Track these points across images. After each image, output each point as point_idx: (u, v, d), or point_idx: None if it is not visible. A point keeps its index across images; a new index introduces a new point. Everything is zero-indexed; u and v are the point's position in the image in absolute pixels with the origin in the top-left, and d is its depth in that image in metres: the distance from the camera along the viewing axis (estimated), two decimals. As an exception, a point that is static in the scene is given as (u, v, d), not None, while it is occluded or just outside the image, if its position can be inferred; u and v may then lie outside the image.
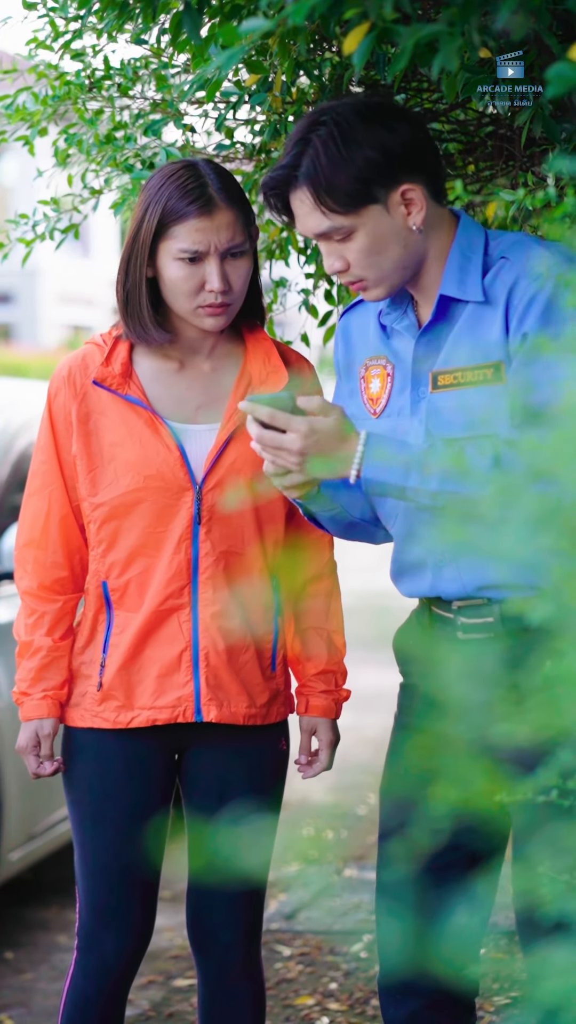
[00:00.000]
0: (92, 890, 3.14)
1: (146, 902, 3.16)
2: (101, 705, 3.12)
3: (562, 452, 1.63)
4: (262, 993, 3.25)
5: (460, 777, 1.75)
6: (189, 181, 3.00)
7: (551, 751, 1.88)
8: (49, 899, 5.70)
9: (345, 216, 2.72)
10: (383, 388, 2.86)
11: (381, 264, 2.75)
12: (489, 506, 1.73)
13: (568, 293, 2.60)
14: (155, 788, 3.13)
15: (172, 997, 4.63)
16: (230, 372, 3.14)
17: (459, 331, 2.76)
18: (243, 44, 2.41)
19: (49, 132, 3.67)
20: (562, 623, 1.67)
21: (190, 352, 3.13)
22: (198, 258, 3.00)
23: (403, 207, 2.72)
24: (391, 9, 2.28)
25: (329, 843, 6.14)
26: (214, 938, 3.19)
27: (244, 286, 3.05)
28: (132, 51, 3.53)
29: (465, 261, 2.75)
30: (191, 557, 3.07)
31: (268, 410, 2.65)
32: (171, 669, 3.09)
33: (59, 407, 3.12)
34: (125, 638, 3.10)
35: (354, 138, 2.69)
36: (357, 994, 4.58)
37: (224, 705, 3.10)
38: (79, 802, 3.15)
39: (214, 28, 2.99)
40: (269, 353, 3.14)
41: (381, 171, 2.69)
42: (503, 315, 2.69)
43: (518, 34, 2.46)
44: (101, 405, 3.10)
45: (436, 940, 2.57)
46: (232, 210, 3.01)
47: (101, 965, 3.15)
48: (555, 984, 1.61)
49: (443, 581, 2.79)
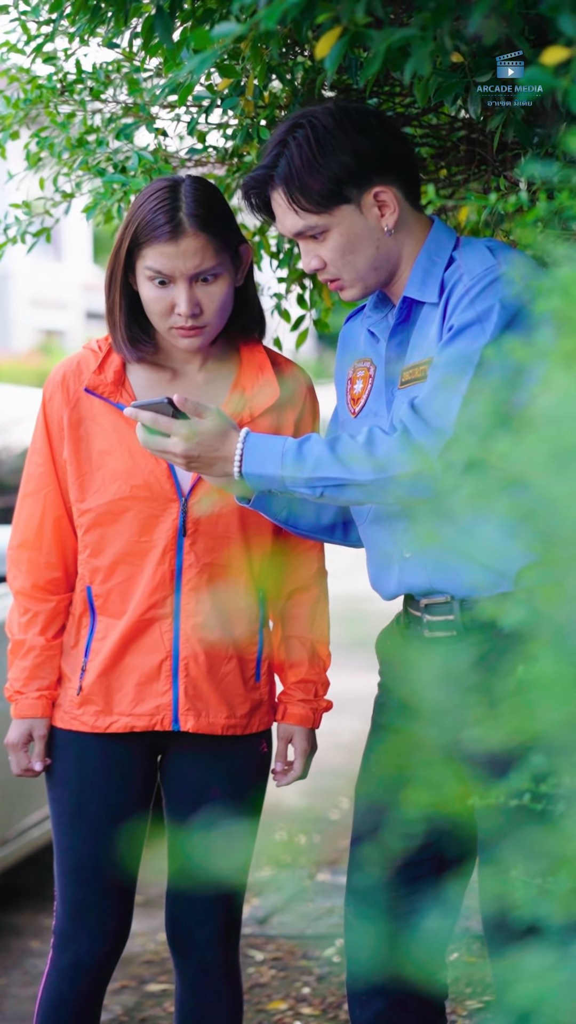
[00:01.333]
0: (68, 888, 3.15)
1: (121, 903, 3.16)
2: (80, 709, 3.13)
3: (534, 457, 1.64)
4: (239, 995, 3.25)
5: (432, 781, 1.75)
6: (164, 203, 2.99)
7: (522, 755, 1.88)
8: (22, 904, 5.68)
9: (318, 216, 2.78)
10: (364, 389, 2.92)
11: (355, 264, 2.80)
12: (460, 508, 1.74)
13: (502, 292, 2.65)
14: (134, 789, 3.14)
15: (145, 1002, 4.62)
16: (223, 384, 3.14)
17: (418, 331, 2.83)
18: (215, 48, 2.41)
19: (21, 135, 3.66)
20: (534, 626, 1.67)
21: (182, 363, 3.14)
22: (167, 281, 3.00)
23: (376, 209, 2.77)
24: (363, 13, 2.29)
25: (302, 848, 6.14)
26: (191, 939, 3.19)
27: (219, 309, 3.02)
28: (104, 55, 3.52)
29: (430, 264, 2.81)
30: (175, 568, 3.08)
31: (150, 415, 2.78)
32: (151, 678, 3.10)
33: (53, 411, 3.15)
34: (107, 644, 3.11)
35: (328, 141, 2.75)
36: (330, 998, 4.58)
37: (202, 715, 3.10)
38: (58, 800, 3.16)
39: (186, 32, 2.99)
40: (262, 365, 3.14)
41: (353, 173, 2.74)
42: (442, 312, 2.74)
43: (490, 39, 2.46)
44: (92, 412, 3.11)
45: (404, 943, 2.57)
46: (202, 236, 2.98)
47: (75, 964, 3.15)
48: (527, 988, 1.61)
49: (407, 573, 2.83)
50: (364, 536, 2.98)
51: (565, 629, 1.64)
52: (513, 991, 1.65)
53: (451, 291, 2.75)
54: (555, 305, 1.77)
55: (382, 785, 2.81)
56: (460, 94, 2.91)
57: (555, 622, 1.65)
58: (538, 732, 1.65)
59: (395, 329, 2.86)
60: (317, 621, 3.25)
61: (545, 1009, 1.62)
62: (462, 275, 2.73)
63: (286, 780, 3.23)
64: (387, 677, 2.99)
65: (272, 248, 3.82)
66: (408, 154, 2.85)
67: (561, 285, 1.75)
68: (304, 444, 2.73)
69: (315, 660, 3.24)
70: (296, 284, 3.88)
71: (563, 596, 1.63)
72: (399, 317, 2.84)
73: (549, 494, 1.62)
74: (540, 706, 1.62)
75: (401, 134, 2.86)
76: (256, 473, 2.75)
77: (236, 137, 3.38)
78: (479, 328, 2.65)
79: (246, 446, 2.75)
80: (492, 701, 1.75)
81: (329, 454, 2.70)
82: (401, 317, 2.84)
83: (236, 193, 3.66)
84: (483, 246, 2.77)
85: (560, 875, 1.75)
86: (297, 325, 3.93)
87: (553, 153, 2.94)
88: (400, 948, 2.66)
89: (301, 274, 3.86)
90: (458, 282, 2.73)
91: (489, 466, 1.74)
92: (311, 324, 3.97)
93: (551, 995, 1.62)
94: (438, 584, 2.79)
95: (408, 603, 2.89)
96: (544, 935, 2.29)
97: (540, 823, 1.90)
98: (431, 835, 2.85)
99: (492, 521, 1.79)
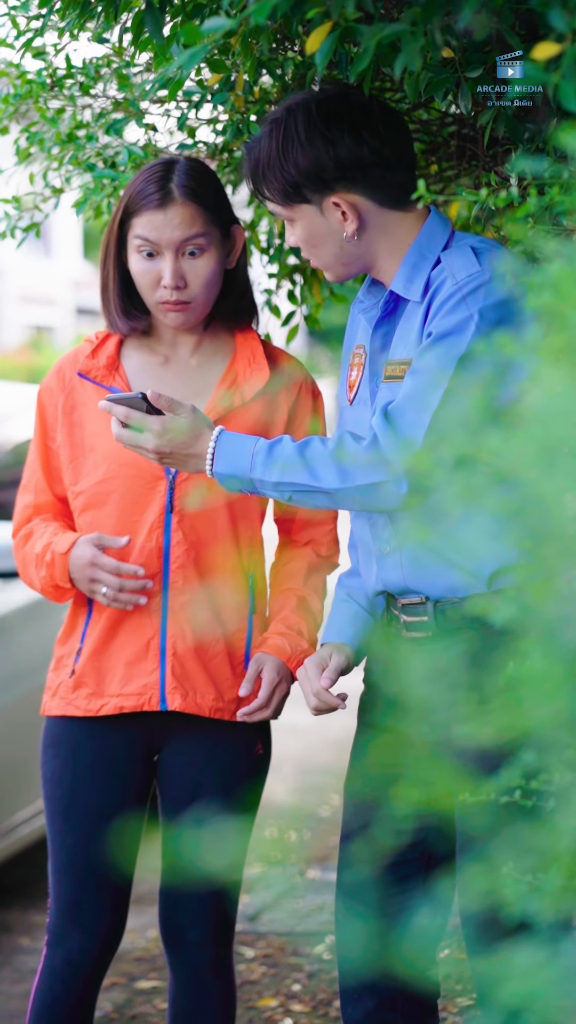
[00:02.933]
0: (61, 886, 3.15)
1: (115, 901, 3.16)
2: (74, 692, 3.14)
3: (524, 454, 1.63)
4: (233, 993, 3.25)
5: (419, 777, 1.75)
6: (156, 174, 3.06)
7: (511, 753, 1.87)
8: (11, 901, 5.67)
9: (282, 207, 2.82)
10: (357, 377, 2.91)
11: (320, 256, 2.84)
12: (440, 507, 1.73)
13: (482, 302, 2.64)
14: (128, 787, 3.13)
15: (135, 999, 4.61)
16: (216, 369, 3.17)
17: (402, 326, 2.83)
18: (205, 43, 2.40)
19: (10, 130, 3.66)
20: (521, 624, 1.67)
21: (175, 347, 3.17)
22: (154, 252, 3.05)
23: (338, 213, 2.76)
24: (353, 9, 2.28)
25: (292, 845, 6.14)
26: (185, 937, 3.19)
27: (205, 286, 3.06)
28: (94, 50, 3.52)
29: (420, 259, 2.80)
30: (163, 545, 3.09)
31: (124, 409, 2.83)
32: (139, 657, 3.11)
33: (48, 400, 3.19)
34: (99, 626, 3.13)
35: (290, 145, 2.77)
36: (320, 995, 4.58)
37: (189, 695, 3.10)
38: (51, 797, 3.17)
39: (176, 27, 2.98)
40: (255, 352, 3.17)
41: (310, 179, 2.75)
42: (424, 315, 2.74)
43: (481, 34, 2.46)
44: (85, 397, 3.15)
45: (396, 941, 2.57)
46: (191, 205, 3.03)
47: (68, 963, 3.15)
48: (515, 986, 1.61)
49: (385, 570, 2.83)
50: (352, 528, 3.00)
51: (553, 626, 1.64)
52: (501, 989, 1.65)
53: (435, 293, 2.74)
54: (545, 301, 1.77)
55: (370, 783, 2.81)
56: (451, 89, 2.91)
57: (543, 619, 1.64)
58: (526, 729, 1.65)
59: (380, 321, 2.86)
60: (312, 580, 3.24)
61: (533, 1007, 1.62)
62: (445, 279, 2.73)
63: (247, 710, 3.09)
64: (372, 675, 3.00)
65: (263, 244, 3.81)
66: (379, 159, 2.78)
67: (551, 281, 1.75)
68: (275, 447, 2.74)
69: (304, 607, 3.20)
70: (287, 280, 3.87)
71: (551, 593, 1.63)
72: (384, 310, 2.85)
73: (538, 491, 1.62)
74: (528, 703, 1.62)
75: (390, 132, 2.81)
76: (226, 473, 2.77)
77: (226, 132, 3.37)
78: (455, 339, 2.65)
79: (218, 445, 2.77)
80: (473, 699, 1.74)
81: (298, 459, 2.70)
82: (387, 310, 2.85)
83: (227, 188, 3.66)
84: (469, 249, 2.76)
85: (549, 872, 1.74)
86: (287, 321, 3.92)
87: (544, 149, 2.94)
88: (391, 945, 2.66)
89: (291, 270, 3.86)
90: (441, 285, 2.73)
91: (477, 463, 1.73)
92: (301, 320, 3.96)
93: (539, 993, 1.62)
94: (412, 583, 2.79)
95: (388, 602, 2.90)
96: (531, 932, 2.28)
97: (527, 820, 1.90)
98: (419, 832, 2.85)
99: (469, 522, 1.79)
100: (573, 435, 1.64)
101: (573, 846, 1.72)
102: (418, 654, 2.75)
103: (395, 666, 2.76)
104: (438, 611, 2.77)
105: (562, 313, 1.70)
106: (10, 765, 5.07)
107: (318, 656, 2.93)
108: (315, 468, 2.69)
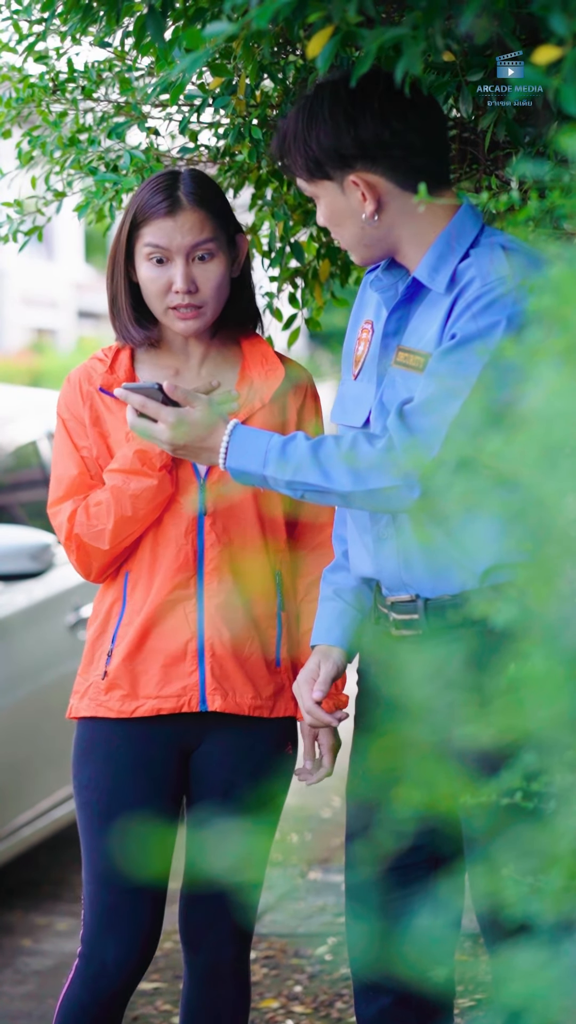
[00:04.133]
0: (99, 895, 3.13)
1: (154, 909, 3.14)
2: (107, 694, 3.14)
3: (526, 455, 1.64)
4: (248, 994, 3.26)
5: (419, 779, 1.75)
6: (163, 184, 3.08)
7: (511, 754, 1.88)
8: (13, 903, 5.68)
9: (306, 182, 2.81)
10: (363, 352, 2.91)
11: (342, 236, 2.82)
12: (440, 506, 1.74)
13: (511, 308, 2.62)
14: (164, 788, 3.14)
15: (137, 1000, 4.62)
16: (228, 378, 3.18)
17: (420, 314, 2.81)
18: (207, 47, 2.41)
19: (13, 134, 3.67)
20: (525, 625, 1.68)
21: (185, 357, 3.19)
22: (165, 258, 3.07)
23: (358, 193, 2.74)
24: (355, 12, 2.29)
25: (294, 846, 6.14)
26: (204, 937, 3.20)
27: (216, 290, 3.09)
28: (96, 54, 3.53)
29: (447, 250, 2.75)
30: (197, 548, 3.11)
31: (140, 399, 2.85)
32: (177, 659, 3.11)
33: (72, 414, 3.17)
34: (132, 628, 3.13)
35: (315, 120, 2.74)
36: (322, 997, 4.58)
37: (229, 695, 3.12)
38: (88, 803, 3.15)
39: (178, 31, 2.99)
40: (266, 354, 3.20)
41: (330, 156, 2.73)
42: (448, 311, 2.71)
43: (481, 38, 2.47)
44: (109, 410, 3.15)
45: (405, 942, 2.57)
46: (200, 211, 3.06)
47: (102, 974, 3.12)
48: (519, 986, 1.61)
49: (381, 557, 2.83)
50: (337, 516, 3.06)
51: (554, 627, 1.64)
52: (505, 989, 1.66)
53: (461, 291, 2.70)
54: (547, 303, 1.77)
55: (370, 785, 2.82)
56: (452, 93, 2.92)
57: (543, 620, 1.65)
58: (527, 731, 1.66)
59: (398, 304, 2.83)
60: None
61: (537, 1007, 1.63)
62: (474, 278, 2.69)
63: (315, 778, 3.15)
64: (366, 677, 2.99)
65: (264, 247, 3.82)
66: (404, 142, 2.73)
67: (553, 283, 1.76)
68: (288, 444, 2.73)
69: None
70: (288, 283, 3.88)
71: (552, 594, 1.63)
72: (404, 295, 2.81)
73: (539, 492, 1.63)
74: (528, 705, 1.62)
75: (420, 117, 2.75)
76: (239, 469, 2.77)
77: (228, 136, 3.38)
78: (481, 344, 2.61)
79: (232, 440, 2.77)
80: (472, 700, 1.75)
81: (311, 459, 2.70)
82: (407, 295, 2.81)
83: (227, 192, 3.67)
84: (500, 248, 2.71)
85: (552, 873, 1.75)
86: (289, 324, 3.93)
87: (544, 152, 2.95)
88: (405, 947, 2.66)
89: (293, 273, 3.86)
90: (469, 284, 2.69)
91: (479, 464, 1.74)
92: (303, 323, 3.97)
93: (543, 993, 1.63)
94: (405, 576, 2.78)
95: (377, 600, 2.89)
96: (535, 933, 2.29)
97: (529, 821, 1.90)
98: (425, 834, 2.85)
99: (468, 521, 1.79)
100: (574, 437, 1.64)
101: (574, 847, 1.72)
102: (412, 655, 2.75)
103: (389, 668, 2.76)
104: (429, 610, 2.77)
105: (564, 316, 1.71)
106: (12, 767, 5.08)
107: (308, 670, 2.94)
108: (327, 469, 2.69)
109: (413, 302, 2.81)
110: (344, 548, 3.03)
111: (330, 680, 2.91)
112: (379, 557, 2.84)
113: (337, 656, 2.93)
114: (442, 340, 2.70)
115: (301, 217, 3.68)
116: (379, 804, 2.78)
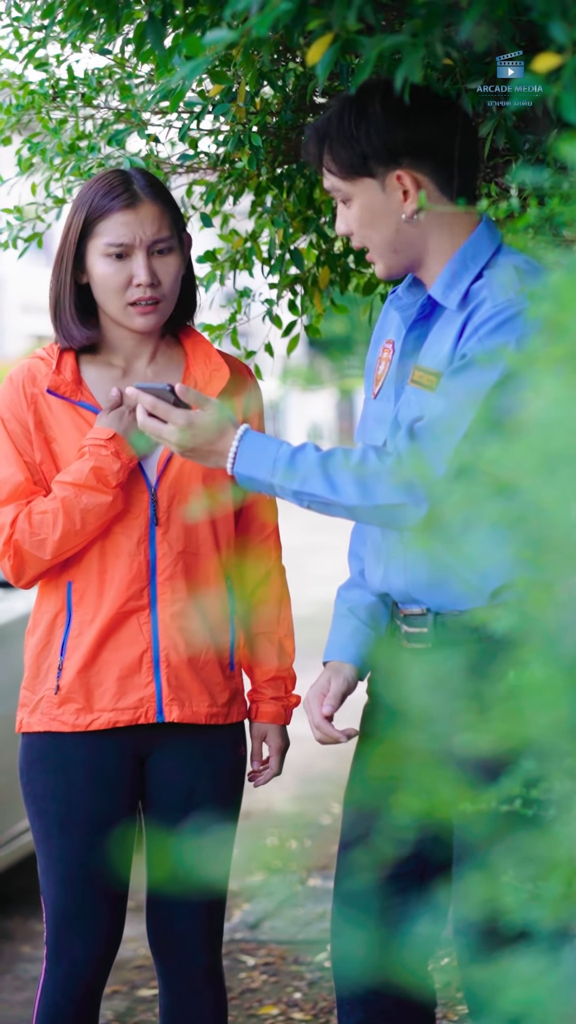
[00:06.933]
0: (58, 899, 3.13)
1: (114, 909, 3.15)
2: (60, 708, 3.10)
3: (525, 464, 1.64)
4: (224, 1001, 3.24)
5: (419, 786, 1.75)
6: (114, 180, 3.06)
7: (512, 761, 1.88)
8: (13, 910, 5.68)
9: (342, 180, 2.78)
10: (384, 372, 2.91)
11: (372, 239, 2.80)
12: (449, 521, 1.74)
13: (520, 330, 2.63)
14: (121, 796, 3.12)
15: (136, 1007, 4.62)
16: (173, 376, 3.16)
17: (435, 333, 2.81)
18: (207, 55, 2.41)
19: (13, 141, 3.67)
20: (525, 633, 1.68)
21: (132, 358, 3.16)
22: (125, 253, 3.04)
23: (399, 192, 2.74)
24: (355, 20, 2.29)
25: (293, 853, 6.14)
26: (175, 945, 3.19)
27: (174, 284, 3.09)
28: (96, 61, 3.53)
29: (462, 268, 2.76)
30: (149, 559, 3.08)
31: (151, 399, 2.82)
32: (132, 671, 3.09)
33: (12, 416, 3.11)
34: (84, 640, 3.09)
35: (365, 117, 2.74)
36: (321, 1003, 4.58)
37: (186, 705, 3.11)
38: (44, 813, 3.13)
39: (178, 39, 2.99)
40: (209, 353, 3.18)
41: (379, 152, 2.72)
42: (460, 329, 2.72)
43: (481, 45, 2.47)
44: (53, 412, 3.11)
45: (391, 950, 2.57)
46: (159, 204, 3.05)
47: (71, 973, 3.13)
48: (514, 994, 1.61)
49: (392, 572, 2.84)
50: (354, 534, 3.05)
51: (554, 635, 1.64)
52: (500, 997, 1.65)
53: (473, 311, 2.71)
54: (546, 311, 1.77)
55: (370, 792, 2.82)
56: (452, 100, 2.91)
57: (543, 628, 1.65)
58: (526, 738, 1.66)
59: (415, 323, 2.84)
60: (282, 616, 3.27)
61: (532, 1015, 1.62)
62: (485, 299, 2.70)
63: (263, 779, 3.24)
64: (374, 685, 3.00)
65: (264, 254, 3.83)
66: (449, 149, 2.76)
67: (552, 291, 1.76)
68: (298, 454, 2.72)
69: (283, 656, 3.26)
70: (287, 290, 3.88)
71: (552, 602, 1.63)
72: (420, 312, 2.83)
73: (539, 500, 1.63)
74: (528, 712, 1.62)
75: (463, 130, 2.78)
76: (246, 475, 2.76)
77: (228, 143, 3.38)
78: (489, 365, 2.62)
79: (241, 446, 2.76)
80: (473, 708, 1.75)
81: (319, 471, 2.70)
82: (422, 313, 2.82)
83: (227, 199, 3.67)
84: (514, 269, 2.72)
85: (551, 880, 1.75)
86: (288, 331, 3.93)
87: (544, 159, 2.95)
88: (387, 955, 2.65)
89: (292, 280, 3.86)
90: (481, 305, 2.70)
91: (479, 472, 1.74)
92: (302, 330, 3.97)
93: (538, 1001, 1.63)
94: (415, 591, 2.80)
95: (393, 611, 2.91)
96: (530, 941, 2.29)
97: (527, 828, 1.90)
98: (417, 842, 2.85)
99: (476, 535, 1.79)
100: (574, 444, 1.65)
101: (573, 854, 1.72)
102: (418, 664, 2.75)
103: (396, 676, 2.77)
104: (438, 623, 2.78)
105: (563, 323, 1.71)
106: (11, 773, 5.07)
107: (318, 685, 2.94)
108: (336, 482, 2.69)
109: (430, 320, 2.82)
110: (360, 567, 3.03)
111: (341, 696, 2.92)
112: (390, 573, 2.85)
113: (348, 672, 2.94)
114: (453, 359, 2.71)
115: (301, 224, 3.69)
116: (377, 812, 2.78)
